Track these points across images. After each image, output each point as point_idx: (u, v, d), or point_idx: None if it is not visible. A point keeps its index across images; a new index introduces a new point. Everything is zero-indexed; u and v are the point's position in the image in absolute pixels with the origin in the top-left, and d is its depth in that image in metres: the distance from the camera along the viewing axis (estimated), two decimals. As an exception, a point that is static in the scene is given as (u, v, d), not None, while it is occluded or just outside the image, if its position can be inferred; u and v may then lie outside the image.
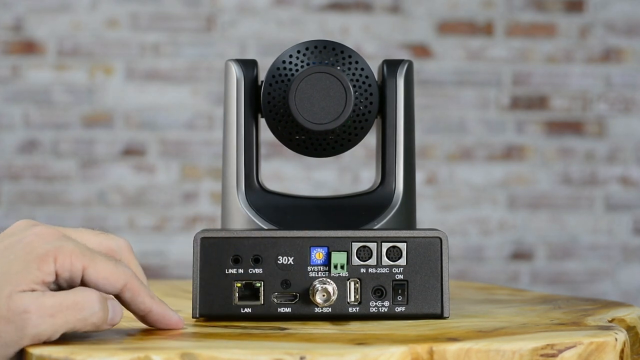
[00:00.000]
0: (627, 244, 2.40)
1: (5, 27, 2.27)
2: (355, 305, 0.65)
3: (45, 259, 0.54)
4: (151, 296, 0.58)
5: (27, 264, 0.54)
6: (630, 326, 0.66)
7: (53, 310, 0.53)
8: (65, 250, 0.54)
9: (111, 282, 0.56)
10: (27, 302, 0.53)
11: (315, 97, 0.67)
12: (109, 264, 0.56)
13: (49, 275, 0.54)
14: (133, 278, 0.57)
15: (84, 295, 0.55)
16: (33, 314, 0.53)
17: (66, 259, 0.54)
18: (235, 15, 2.32)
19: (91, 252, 0.56)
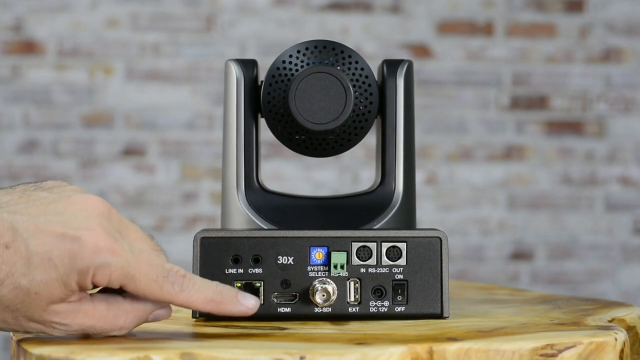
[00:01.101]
0: (627, 244, 2.40)
1: (5, 27, 2.27)
2: (355, 305, 0.65)
3: (85, 275, 0.54)
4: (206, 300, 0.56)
5: (68, 278, 0.54)
6: (630, 326, 0.66)
7: (80, 329, 0.55)
8: (106, 270, 0.54)
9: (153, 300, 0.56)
10: (61, 317, 0.55)
11: (315, 97, 0.67)
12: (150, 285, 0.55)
13: (86, 288, 0.55)
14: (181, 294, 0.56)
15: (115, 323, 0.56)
16: (61, 327, 0.55)
17: (104, 278, 0.54)
18: (235, 15, 2.32)
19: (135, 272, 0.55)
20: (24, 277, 0.53)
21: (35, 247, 0.54)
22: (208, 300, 0.56)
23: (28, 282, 0.53)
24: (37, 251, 0.54)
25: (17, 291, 0.53)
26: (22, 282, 0.53)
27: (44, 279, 0.54)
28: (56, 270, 0.54)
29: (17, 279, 0.53)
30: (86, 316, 0.55)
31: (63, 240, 0.54)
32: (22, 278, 0.53)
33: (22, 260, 0.53)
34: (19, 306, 0.54)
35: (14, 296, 0.53)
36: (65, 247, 0.54)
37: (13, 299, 0.54)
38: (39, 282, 0.54)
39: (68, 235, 0.54)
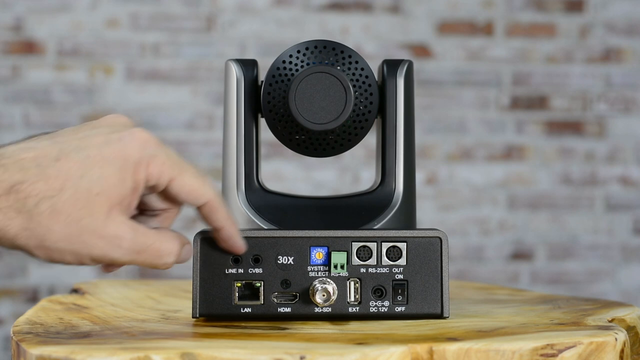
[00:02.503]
0: (627, 244, 2.40)
1: (5, 27, 2.27)
2: (355, 305, 0.65)
3: (139, 167, 0.56)
4: (227, 216, 0.61)
5: (123, 173, 0.55)
6: (630, 326, 0.66)
7: (140, 249, 0.57)
8: (157, 160, 0.56)
9: (194, 197, 0.59)
10: (124, 231, 0.56)
11: (315, 97, 0.67)
12: (197, 179, 0.58)
13: (139, 183, 0.56)
14: (216, 196, 0.60)
15: (168, 245, 0.59)
16: (124, 243, 0.56)
17: (156, 169, 0.56)
18: (235, 15, 2.32)
19: (182, 164, 0.58)
20: (82, 178, 0.54)
21: (86, 152, 0.55)
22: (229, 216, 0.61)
23: (88, 182, 0.55)
24: (89, 154, 0.55)
25: (78, 194, 0.54)
26: (82, 183, 0.54)
27: (102, 175, 0.55)
28: (112, 165, 0.55)
29: (75, 181, 0.54)
30: (144, 235, 0.57)
31: (110, 142, 0.56)
32: (81, 180, 0.54)
33: (76, 165, 0.55)
34: (82, 213, 0.54)
35: (76, 200, 0.54)
36: (115, 147, 0.56)
37: (74, 203, 0.54)
38: (98, 178, 0.55)
39: (113, 138, 0.56)
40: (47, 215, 0.54)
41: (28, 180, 0.54)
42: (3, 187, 0.54)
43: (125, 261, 0.57)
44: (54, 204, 0.54)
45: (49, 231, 0.54)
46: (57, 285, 2.26)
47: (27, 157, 0.55)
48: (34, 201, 0.54)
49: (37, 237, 0.54)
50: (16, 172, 0.54)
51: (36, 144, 0.56)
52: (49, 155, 0.55)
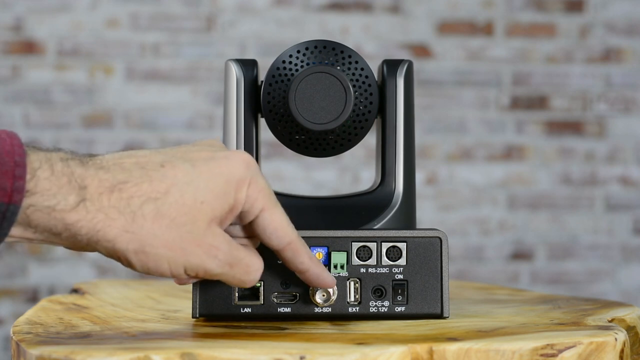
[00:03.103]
0: (627, 244, 2.40)
1: (5, 27, 2.27)
2: (355, 305, 0.65)
3: (242, 185, 0.55)
4: (310, 257, 0.60)
5: (228, 187, 0.55)
6: (630, 326, 0.66)
7: (233, 262, 0.56)
8: (258, 184, 0.56)
9: (278, 236, 0.58)
10: (221, 242, 0.55)
11: (315, 97, 0.67)
12: (284, 217, 0.58)
13: (239, 202, 0.56)
14: (297, 238, 0.59)
15: (256, 262, 0.58)
16: (220, 254, 0.55)
17: (255, 192, 0.56)
18: (235, 15, 2.32)
19: (275, 198, 0.58)
20: (189, 185, 0.54)
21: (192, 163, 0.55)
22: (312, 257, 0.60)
23: (193, 189, 0.54)
24: (195, 165, 0.55)
25: (184, 199, 0.53)
26: (188, 189, 0.54)
27: (208, 186, 0.54)
28: (218, 178, 0.55)
29: (181, 187, 0.54)
30: (237, 249, 0.56)
31: (216, 158, 0.56)
32: (187, 186, 0.54)
33: (182, 172, 0.54)
34: (185, 219, 0.53)
35: (181, 205, 0.53)
36: (221, 162, 0.56)
37: (179, 208, 0.53)
38: (205, 189, 0.54)
39: (217, 156, 0.56)
40: (151, 218, 0.53)
41: (132, 180, 0.53)
42: (105, 186, 0.52)
43: (218, 273, 0.56)
44: (159, 206, 0.53)
45: (151, 235, 0.53)
46: (57, 285, 2.26)
47: (129, 162, 0.54)
48: (139, 202, 0.52)
49: (138, 241, 0.53)
50: (119, 172, 0.53)
51: (136, 152, 0.55)
52: (153, 161, 0.54)
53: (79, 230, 0.52)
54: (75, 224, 0.52)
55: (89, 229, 0.52)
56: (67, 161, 0.52)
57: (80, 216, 0.52)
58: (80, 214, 0.52)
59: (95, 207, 0.52)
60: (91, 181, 0.52)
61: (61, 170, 0.52)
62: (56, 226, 0.52)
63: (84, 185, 0.52)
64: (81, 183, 0.52)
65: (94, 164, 0.53)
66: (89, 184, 0.52)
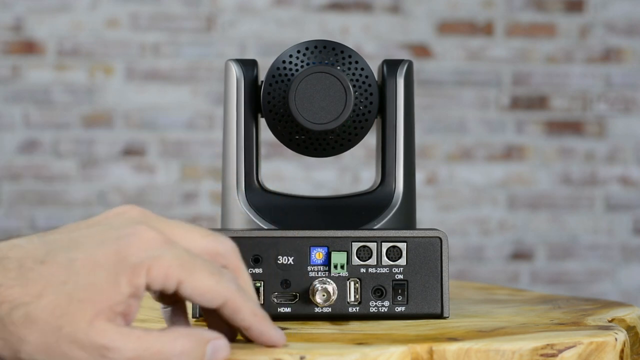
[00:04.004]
0: (627, 244, 2.40)
1: (5, 27, 2.27)
2: (355, 305, 0.65)
3: (138, 271, 0.48)
4: (253, 313, 0.52)
5: (118, 276, 0.48)
6: (630, 326, 0.66)
7: (135, 355, 0.48)
8: (162, 263, 0.49)
9: (208, 299, 0.50)
10: (110, 339, 0.48)
11: (315, 97, 0.67)
12: (209, 279, 0.50)
13: (139, 289, 0.49)
14: (235, 294, 0.51)
15: (175, 345, 0.49)
16: (111, 352, 0.48)
17: (160, 272, 0.49)
18: (235, 15, 2.32)
19: (191, 264, 0.50)
20: (65, 284, 0.48)
21: (76, 254, 0.49)
22: (255, 312, 0.52)
23: (71, 287, 0.48)
24: (79, 257, 0.49)
25: (58, 300, 0.48)
26: (64, 289, 0.48)
27: (89, 282, 0.48)
28: (103, 270, 0.48)
29: (57, 287, 0.48)
30: (139, 339, 0.48)
31: (106, 242, 0.49)
32: (63, 285, 0.48)
33: (61, 269, 0.48)
34: (61, 322, 0.48)
35: (54, 307, 0.48)
36: (111, 248, 0.49)
37: (53, 311, 0.48)
38: (84, 285, 0.48)
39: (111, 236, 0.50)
40: (21, 324, 0.48)
41: (5, 283, 0.48)
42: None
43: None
44: (29, 311, 0.48)
45: (23, 342, 0.48)
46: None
47: (12, 257, 0.49)
48: (7, 308, 0.48)
49: (11, 348, 0.48)
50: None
51: (27, 242, 0.50)
52: (34, 257, 0.49)
53: None
54: None
55: None
56: None
57: None
58: None
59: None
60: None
61: None
62: None
63: None
64: None
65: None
66: None
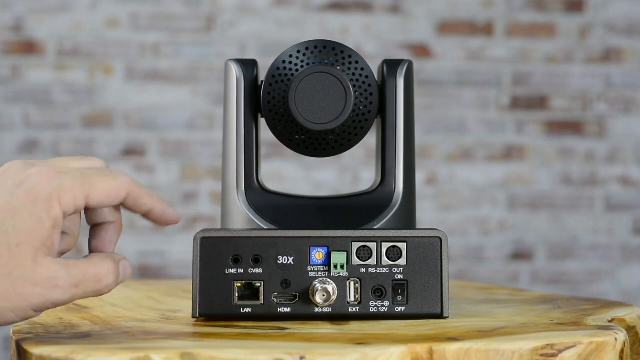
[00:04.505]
0: (627, 244, 2.40)
1: (5, 27, 2.27)
2: (355, 305, 0.65)
3: (51, 203, 0.54)
4: (150, 196, 0.59)
5: (36, 213, 0.53)
6: (630, 326, 0.66)
7: (77, 281, 0.55)
8: (66, 188, 0.54)
9: (114, 197, 0.56)
10: (55, 270, 0.54)
11: (315, 97, 0.67)
12: (107, 181, 0.56)
13: (58, 218, 0.54)
14: (131, 184, 0.57)
15: (103, 267, 0.56)
16: (60, 281, 0.54)
17: (68, 195, 0.54)
18: (235, 15, 2.32)
19: (88, 178, 0.55)
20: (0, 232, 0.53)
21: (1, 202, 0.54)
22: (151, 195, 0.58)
23: (4, 237, 0.53)
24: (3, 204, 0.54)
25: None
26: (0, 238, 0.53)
27: (16, 226, 0.53)
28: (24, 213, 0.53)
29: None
30: (76, 265, 0.55)
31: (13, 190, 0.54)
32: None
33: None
34: (9, 268, 0.53)
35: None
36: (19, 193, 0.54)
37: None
38: (13, 230, 0.53)
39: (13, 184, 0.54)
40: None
41: None
42: None
43: (67, 299, 0.55)
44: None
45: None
46: (57, 285, 2.26)
47: None
48: None
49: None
50: None
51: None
52: None
53: None
54: None
55: None
56: None
57: None
58: None
59: None
60: None
61: None
62: None
63: None
64: None
65: None
66: None
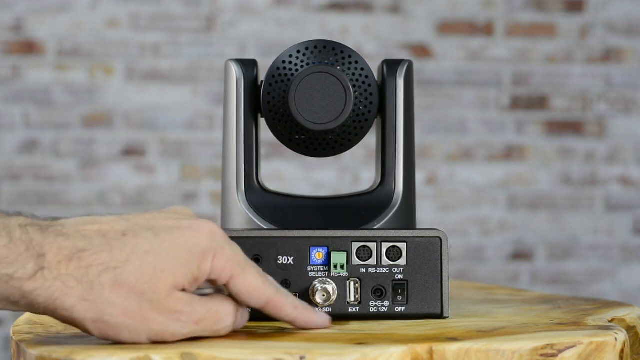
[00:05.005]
0: (627, 244, 2.40)
1: (5, 27, 2.27)
2: (355, 305, 0.65)
3: (206, 256, 0.55)
4: (294, 307, 0.59)
5: (191, 258, 0.54)
6: (630, 326, 0.66)
7: (199, 318, 0.55)
8: (224, 253, 0.55)
9: (254, 298, 0.57)
10: (183, 304, 0.54)
11: (315, 97, 0.67)
12: (257, 279, 0.57)
13: (203, 273, 0.55)
14: (277, 295, 0.58)
15: (224, 308, 0.56)
16: (184, 316, 0.54)
17: (222, 262, 0.55)
18: (235, 15, 2.32)
19: (246, 263, 0.56)
20: (149, 254, 0.53)
21: (155, 231, 0.54)
22: (295, 306, 0.59)
23: (154, 258, 0.53)
24: (158, 234, 0.54)
25: (143, 267, 0.53)
26: (148, 258, 0.53)
27: (170, 255, 0.54)
28: (180, 248, 0.54)
29: (142, 255, 0.53)
30: (201, 302, 0.55)
31: (180, 227, 0.55)
32: (148, 255, 0.53)
33: (143, 240, 0.54)
34: (145, 288, 0.53)
35: (140, 274, 0.53)
36: (185, 232, 0.55)
37: (138, 277, 0.53)
38: (166, 257, 0.54)
39: (182, 225, 0.55)
40: (109, 287, 0.52)
41: (92, 249, 0.52)
42: (64, 254, 0.52)
43: (186, 333, 0.55)
44: (117, 275, 0.53)
45: (109, 304, 0.53)
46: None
47: (90, 229, 0.54)
48: (97, 271, 0.52)
49: (95, 310, 0.53)
50: (79, 240, 0.53)
51: (100, 218, 0.55)
52: (115, 229, 0.54)
53: (36, 298, 0.52)
54: (33, 292, 0.52)
55: (46, 298, 0.52)
56: (26, 227, 0.52)
57: (37, 284, 0.52)
58: (37, 282, 0.52)
59: (52, 275, 0.52)
60: (50, 249, 0.52)
61: (19, 237, 0.52)
62: (14, 294, 0.52)
63: (42, 253, 0.52)
64: (40, 251, 0.52)
65: (54, 230, 0.53)
66: (48, 252, 0.52)
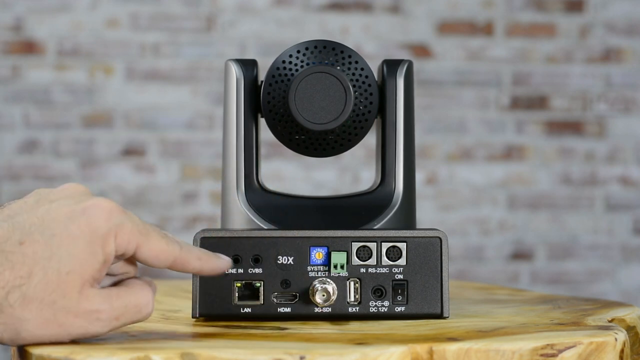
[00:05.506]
0: (627, 244, 2.40)
1: (5, 27, 2.27)
2: (355, 305, 0.65)
3: (108, 239, 0.54)
4: (198, 258, 0.58)
5: (93, 246, 0.53)
6: (630, 326, 0.66)
7: (118, 314, 0.55)
8: (125, 228, 0.55)
9: (161, 260, 0.56)
10: (98, 303, 0.54)
11: (315, 97, 0.67)
12: (161, 242, 0.56)
13: (110, 255, 0.54)
14: (182, 251, 0.57)
15: (142, 297, 0.56)
16: (103, 314, 0.54)
17: (124, 237, 0.54)
18: (235, 15, 2.32)
19: (147, 230, 0.56)
20: (50, 259, 0.52)
21: (51, 231, 0.53)
22: (199, 257, 0.58)
23: (57, 262, 0.52)
24: (54, 233, 0.53)
25: (48, 277, 0.52)
26: (51, 265, 0.52)
27: (71, 253, 0.53)
28: (80, 240, 0.53)
29: (44, 264, 0.52)
30: (118, 297, 0.55)
31: (74, 217, 0.54)
32: (49, 261, 0.52)
33: (42, 246, 0.53)
34: (54, 296, 0.52)
35: (46, 284, 0.52)
36: (80, 220, 0.54)
37: (45, 287, 0.52)
38: (67, 258, 0.53)
39: (76, 211, 0.54)
40: (19, 306, 0.52)
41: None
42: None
43: (107, 331, 0.55)
44: (24, 292, 0.52)
45: (23, 321, 0.52)
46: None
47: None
48: (3, 293, 0.51)
49: (12, 330, 0.52)
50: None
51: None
52: (12, 239, 0.53)
53: None
54: None
55: None
56: None
57: None
58: None
59: None
60: None
61: None
62: None
63: None
64: None
65: None
66: None
